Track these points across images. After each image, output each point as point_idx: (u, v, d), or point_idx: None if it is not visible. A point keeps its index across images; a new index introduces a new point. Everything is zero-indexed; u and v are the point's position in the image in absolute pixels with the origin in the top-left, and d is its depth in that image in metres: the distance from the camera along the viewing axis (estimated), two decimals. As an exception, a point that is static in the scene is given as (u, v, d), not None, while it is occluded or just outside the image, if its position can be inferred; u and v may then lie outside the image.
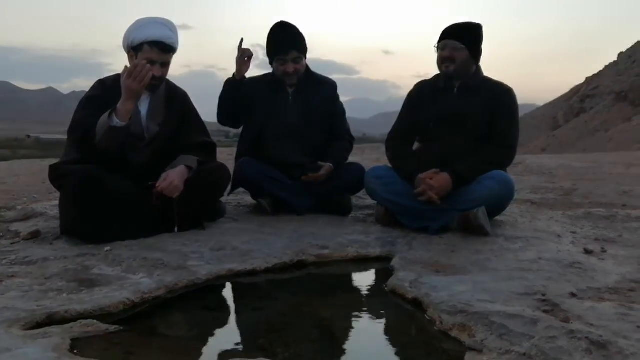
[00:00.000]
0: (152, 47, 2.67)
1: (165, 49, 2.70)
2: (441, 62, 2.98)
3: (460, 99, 2.98)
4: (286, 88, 3.37)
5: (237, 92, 3.24)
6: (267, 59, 3.39)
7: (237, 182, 3.31)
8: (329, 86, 3.48)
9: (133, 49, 2.70)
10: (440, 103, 3.01)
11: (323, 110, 3.40)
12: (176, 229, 2.72)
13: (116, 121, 2.50)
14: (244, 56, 3.17)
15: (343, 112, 3.56)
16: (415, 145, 3.21)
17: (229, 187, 3.22)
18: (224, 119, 3.38)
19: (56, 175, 2.66)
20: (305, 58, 3.36)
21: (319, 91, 3.42)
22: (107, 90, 2.74)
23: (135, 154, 2.76)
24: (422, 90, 3.15)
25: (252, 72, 3.34)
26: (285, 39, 3.27)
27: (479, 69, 3.05)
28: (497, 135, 2.91)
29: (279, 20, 3.33)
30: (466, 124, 2.93)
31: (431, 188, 2.77)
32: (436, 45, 3.00)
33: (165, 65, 2.76)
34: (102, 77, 2.86)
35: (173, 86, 2.97)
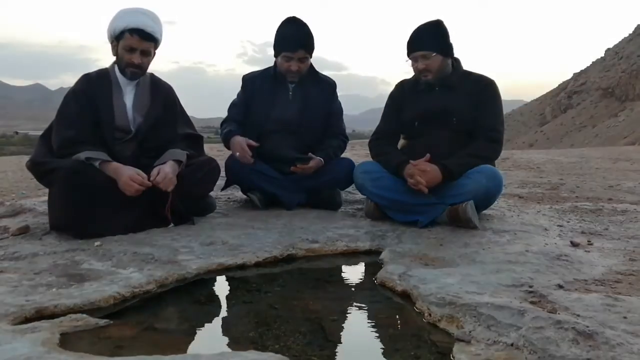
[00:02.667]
0: (132, 35, 2.68)
1: (145, 36, 2.70)
2: (419, 73, 3.00)
3: (443, 95, 2.99)
4: (287, 83, 3.37)
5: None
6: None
7: (228, 177, 3.32)
8: (329, 85, 3.49)
9: (115, 38, 2.72)
10: (424, 101, 3.02)
11: (321, 108, 3.40)
12: (172, 224, 2.73)
13: (97, 163, 2.58)
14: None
15: (340, 112, 3.57)
16: (401, 143, 3.22)
17: (222, 183, 3.20)
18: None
19: (43, 171, 2.65)
20: (311, 57, 3.35)
21: (319, 89, 3.42)
22: (92, 84, 2.76)
23: (122, 147, 2.76)
24: (404, 90, 3.15)
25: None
26: (296, 37, 3.25)
27: (457, 62, 3.06)
28: (482, 129, 2.93)
29: (291, 16, 3.32)
30: (451, 119, 2.95)
31: (421, 173, 2.77)
32: (407, 60, 3.02)
33: (146, 54, 2.75)
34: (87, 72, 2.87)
35: (157, 79, 2.98)
